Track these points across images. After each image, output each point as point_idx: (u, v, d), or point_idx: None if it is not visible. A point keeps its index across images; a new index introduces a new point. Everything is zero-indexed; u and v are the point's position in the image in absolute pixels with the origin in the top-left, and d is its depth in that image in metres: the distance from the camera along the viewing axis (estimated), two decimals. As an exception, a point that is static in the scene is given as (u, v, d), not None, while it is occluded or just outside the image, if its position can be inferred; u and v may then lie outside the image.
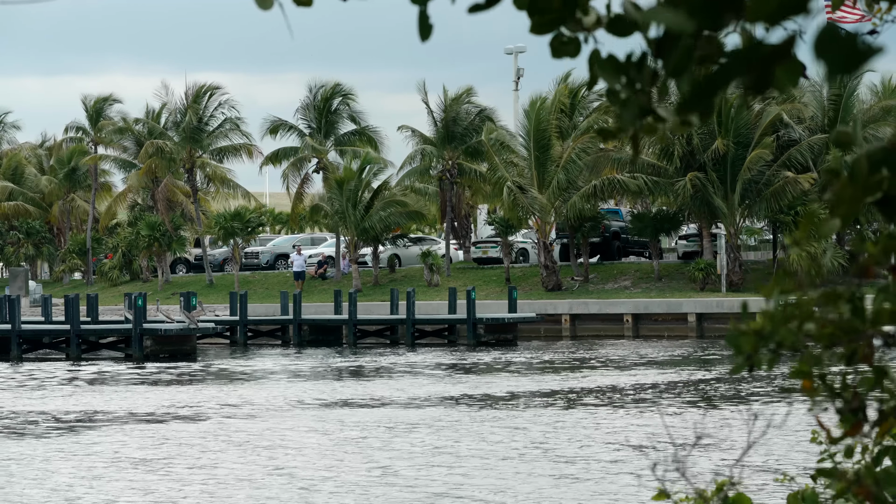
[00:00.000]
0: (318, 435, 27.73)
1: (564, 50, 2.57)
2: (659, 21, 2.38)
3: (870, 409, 2.55)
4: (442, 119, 71.11)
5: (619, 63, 2.48)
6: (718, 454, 22.97)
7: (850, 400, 2.49)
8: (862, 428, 2.49)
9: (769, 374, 38.51)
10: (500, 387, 37.44)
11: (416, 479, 21.81)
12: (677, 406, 31.82)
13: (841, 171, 2.39)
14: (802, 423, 24.58)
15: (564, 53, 2.57)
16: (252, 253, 78.06)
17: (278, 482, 21.84)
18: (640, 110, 2.48)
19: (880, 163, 2.39)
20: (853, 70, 2.33)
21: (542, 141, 63.73)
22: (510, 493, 20.55)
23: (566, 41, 2.56)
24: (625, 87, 2.48)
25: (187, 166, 77.32)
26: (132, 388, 39.60)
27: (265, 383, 40.41)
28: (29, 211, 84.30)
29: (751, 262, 66.70)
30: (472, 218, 78.32)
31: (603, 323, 60.03)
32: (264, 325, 61.23)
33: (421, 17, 2.66)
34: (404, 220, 71.50)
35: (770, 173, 60.64)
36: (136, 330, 50.95)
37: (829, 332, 2.38)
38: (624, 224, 69.89)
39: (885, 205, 2.38)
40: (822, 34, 2.31)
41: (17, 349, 52.71)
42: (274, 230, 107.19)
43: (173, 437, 27.85)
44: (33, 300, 72.05)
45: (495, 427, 28.44)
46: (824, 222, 2.38)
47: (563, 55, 2.57)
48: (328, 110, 75.35)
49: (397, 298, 59.81)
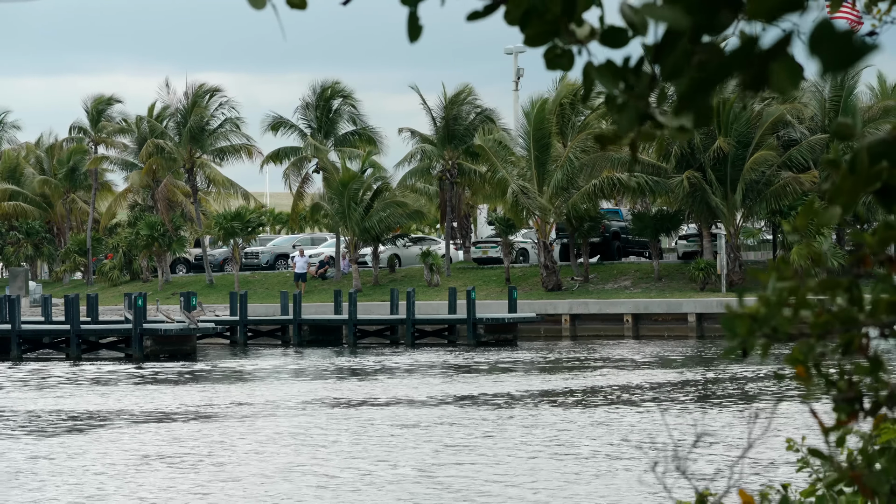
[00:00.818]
0: (323, 434, 27.73)
1: (558, 62, 2.58)
2: (655, 18, 2.38)
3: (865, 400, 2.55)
4: (442, 119, 71.14)
5: (617, 68, 2.49)
6: (718, 454, 22.98)
7: (845, 390, 2.49)
8: (857, 418, 2.49)
9: (769, 373, 38.50)
10: (500, 387, 37.44)
11: (416, 480, 21.81)
12: (678, 405, 31.82)
13: (841, 162, 2.39)
14: (801, 423, 24.60)
15: (558, 66, 2.58)
16: (252, 253, 78.11)
17: (293, 480, 21.84)
18: (638, 116, 2.48)
19: (881, 155, 2.39)
20: (848, 67, 2.33)
21: (542, 141, 63.75)
22: (511, 492, 20.55)
23: (560, 53, 2.57)
24: (622, 92, 2.48)
25: (187, 166, 77.35)
26: (132, 388, 39.60)
27: (266, 383, 40.41)
28: (29, 211, 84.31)
29: (751, 262, 66.72)
30: (472, 218, 78.36)
31: (603, 323, 60.04)
32: (264, 325, 61.24)
33: (410, 18, 2.67)
34: (404, 220, 71.54)
35: (770, 173, 60.68)
36: (136, 330, 50.96)
37: (825, 321, 2.39)
38: (624, 224, 69.93)
39: (884, 195, 2.39)
40: (817, 31, 2.31)
41: (17, 349, 52.72)
42: (274, 230, 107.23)
43: (182, 436, 27.85)
44: (33, 300, 72.07)
45: (495, 427, 28.44)
46: (824, 211, 2.38)
47: (557, 67, 2.58)
48: (328, 110, 75.40)
49: (397, 298, 59.83)
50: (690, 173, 60.44)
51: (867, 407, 2.49)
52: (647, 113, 2.47)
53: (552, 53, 2.57)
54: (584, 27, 2.54)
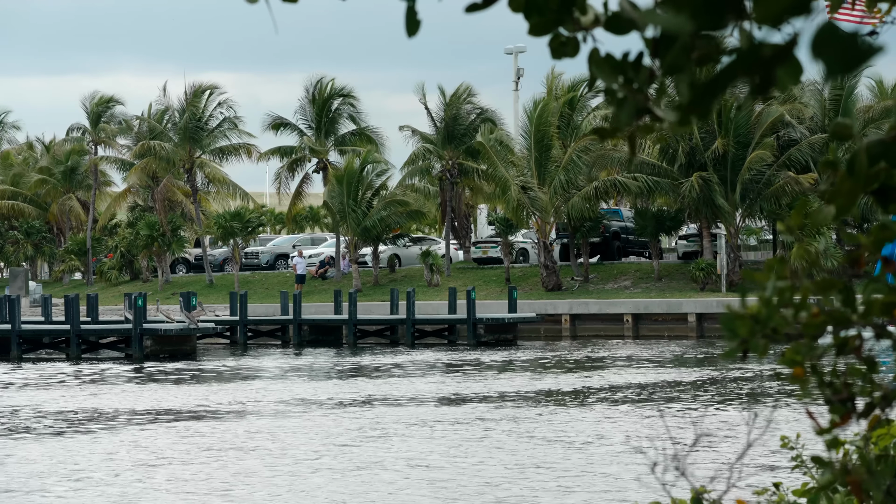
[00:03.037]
0: (323, 434, 27.73)
1: (563, 50, 2.57)
2: (657, 23, 2.38)
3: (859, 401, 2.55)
4: (442, 119, 71.15)
5: (616, 62, 2.48)
6: (719, 453, 22.97)
7: (840, 390, 2.50)
8: (851, 419, 2.50)
9: (769, 373, 38.50)
10: (500, 387, 37.44)
11: (416, 479, 21.82)
12: (678, 405, 31.81)
13: (839, 163, 2.39)
14: (804, 422, 24.58)
15: (563, 54, 2.57)
16: (252, 253, 78.10)
17: (294, 479, 21.84)
18: (637, 110, 2.48)
19: (879, 156, 2.39)
20: (852, 69, 2.33)
21: (543, 141, 63.74)
22: (510, 492, 20.55)
23: (564, 41, 2.56)
24: (622, 86, 2.48)
25: (187, 166, 77.33)
26: (132, 388, 39.59)
27: (266, 383, 40.40)
28: (28, 211, 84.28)
29: (751, 263, 66.71)
30: (472, 218, 78.34)
31: (603, 323, 60.03)
32: (264, 325, 61.24)
33: (408, 12, 2.66)
34: (404, 219, 71.54)
35: (770, 173, 60.68)
36: (136, 330, 50.96)
37: (821, 321, 2.39)
38: (624, 224, 69.92)
39: (881, 194, 2.39)
40: (821, 33, 2.30)
41: (17, 349, 52.72)
42: (274, 230, 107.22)
43: (182, 436, 27.85)
44: (33, 300, 72.05)
45: (495, 427, 28.44)
46: (818, 210, 2.38)
47: (563, 56, 2.57)
48: (328, 110, 75.37)
49: (397, 298, 59.83)
50: (698, 175, 60.40)
51: (861, 408, 2.50)
52: (645, 107, 2.47)
53: (557, 42, 2.56)
54: (588, 14, 2.53)
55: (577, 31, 2.55)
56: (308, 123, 75.73)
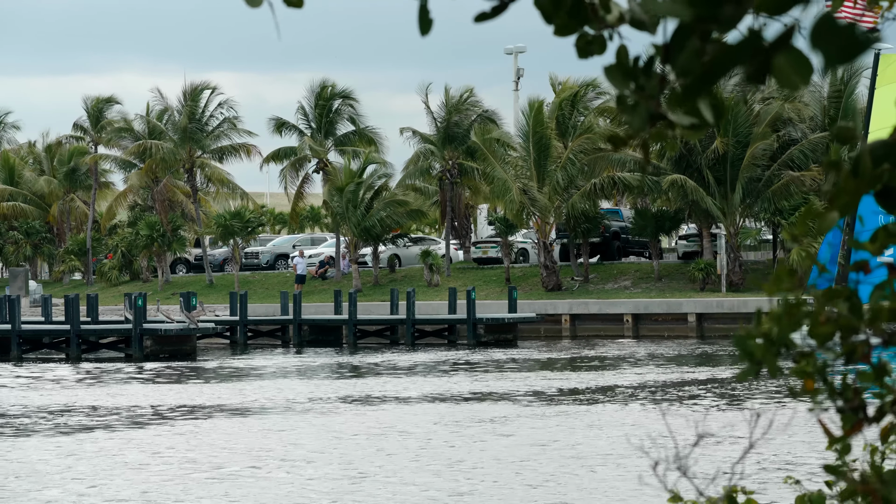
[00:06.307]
0: (322, 434, 27.73)
1: (590, 49, 2.56)
2: (657, 12, 2.37)
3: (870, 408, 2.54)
4: (443, 120, 71.18)
5: (628, 68, 2.47)
6: (720, 453, 22.96)
7: (850, 398, 2.48)
8: (862, 427, 2.48)
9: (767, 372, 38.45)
10: (500, 387, 37.44)
11: (415, 479, 21.81)
12: (678, 405, 31.81)
13: (841, 163, 2.38)
14: (804, 422, 24.57)
15: (591, 53, 2.55)
16: (252, 253, 78.11)
17: (293, 480, 21.83)
18: (649, 115, 2.47)
19: (882, 158, 2.38)
20: (849, 61, 2.32)
21: (542, 141, 63.73)
22: (510, 492, 20.55)
23: (591, 40, 2.54)
24: (633, 92, 2.47)
25: (187, 166, 77.33)
26: (131, 387, 39.59)
27: (265, 383, 40.40)
28: (28, 211, 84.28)
29: (751, 262, 66.73)
30: (472, 218, 78.36)
31: (603, 323, 60.05)
32: (264, 325, 61.23)
33: (421, 11, 2.65)
34: (404, 219, 71.56)
35: (770, 173, 60.67)
36: (136, 330, 50.96)
37: (829, 331, 2.37)
38: (624, 224, 69.93)
39: (884, 196, 2.38)
40: (819, 24, 2.30)
41: (17, 349, 52.72)
42: (274, 230, 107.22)
43: (182, 436, 27.84)
44: (33, 300, 72.06)
45: (495, 427, 28.43)
46: (823, 216, 2.37)
47: (590, 55, 2.55)
48: (328, 110, 75.39)
49: (397, 298, 59.83)
50: (676, 177, 60.32)
51: (871, 415, 2.48)
52: (658, 113, 2.46)
53: (584, 41, 2.54)
54: (613, 12, 2.52)
55: (602, 29, 2.53)
56: (308, 124, 75.76)
